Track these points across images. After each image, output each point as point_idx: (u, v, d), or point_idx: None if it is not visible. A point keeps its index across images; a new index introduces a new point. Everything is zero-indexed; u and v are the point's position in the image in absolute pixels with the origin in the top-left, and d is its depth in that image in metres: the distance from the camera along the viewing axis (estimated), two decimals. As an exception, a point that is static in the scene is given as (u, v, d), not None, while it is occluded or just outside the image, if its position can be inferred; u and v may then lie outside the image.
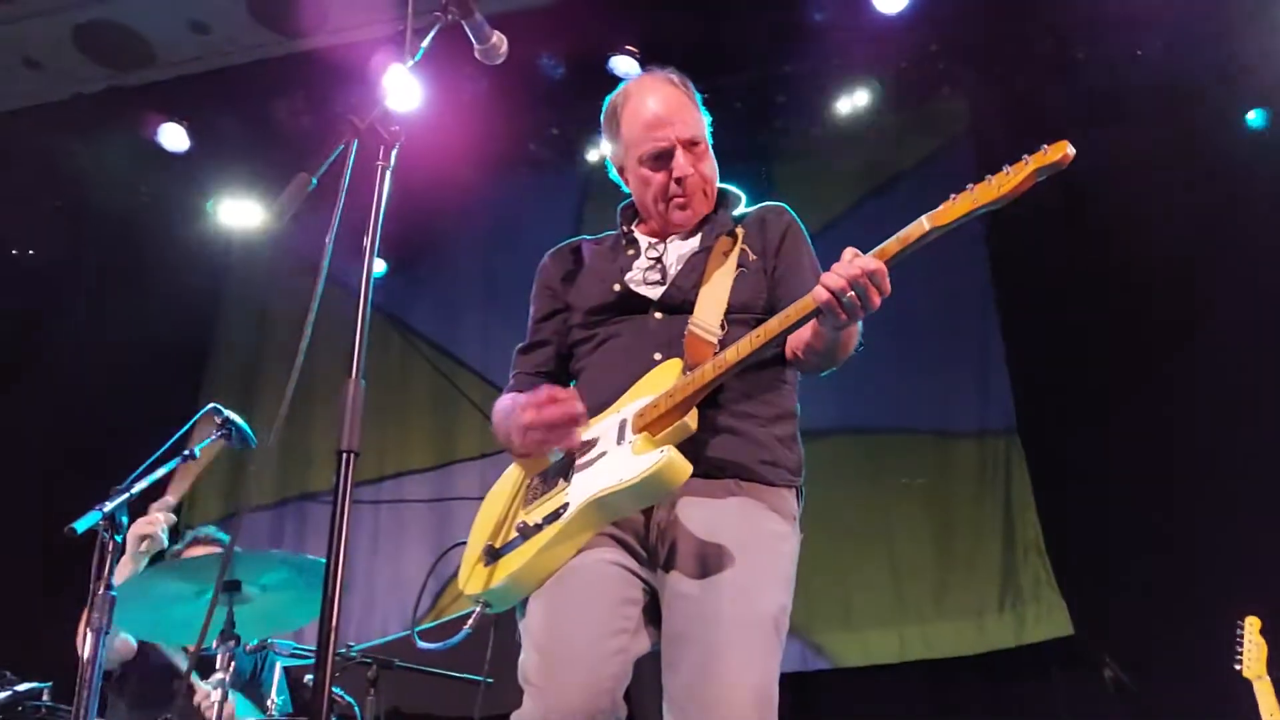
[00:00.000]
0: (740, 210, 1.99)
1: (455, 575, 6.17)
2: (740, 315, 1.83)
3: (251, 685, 3.09)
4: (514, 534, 1.74)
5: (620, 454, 1.69)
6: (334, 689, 2.60)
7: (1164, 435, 4.06)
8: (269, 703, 3.04)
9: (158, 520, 2.63)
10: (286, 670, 3.14)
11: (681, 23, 4.33)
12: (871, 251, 1.60)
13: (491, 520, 1.86)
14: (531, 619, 1.74)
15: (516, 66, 2.03)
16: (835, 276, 1.58)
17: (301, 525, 5.25)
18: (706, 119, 1.96)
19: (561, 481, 1.76)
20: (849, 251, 1.60)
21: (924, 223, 1.60)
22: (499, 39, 1.87)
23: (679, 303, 1.84)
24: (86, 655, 2.10)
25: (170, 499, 2.55)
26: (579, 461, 1.75)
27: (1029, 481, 4.42)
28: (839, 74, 4.65)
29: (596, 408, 1.80)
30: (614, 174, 2.06)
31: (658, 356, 1.80)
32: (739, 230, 1.92)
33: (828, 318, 1.62)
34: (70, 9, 4.37)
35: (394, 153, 1.60)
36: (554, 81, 4.57)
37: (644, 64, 4.42)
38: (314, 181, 1.55)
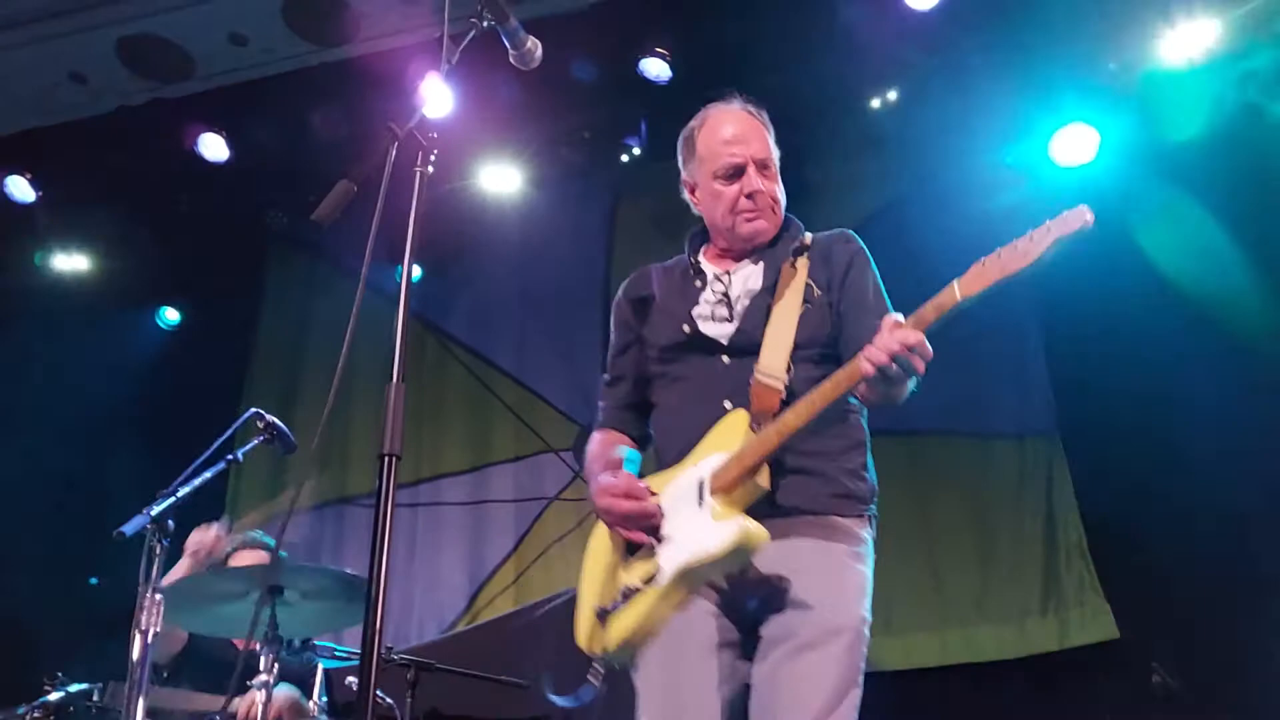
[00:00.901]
0: (806, 238, 2.05)
1: (491, 577, 6.16)
2: (806, 352, 1.92)
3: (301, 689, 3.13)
4: (619, 596, 1.87)
5: (701, 519, 1.81)
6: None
7: (1211, 434, 3.96)
8: (311, 704, 3.08)
9: (209, 540, 2.67)
10: (327, 672, 3.18)
11: (713, 25, 4.32)
12: (909, 319, 1.68)
13: (597, 577, 1.97)
14: (645, 681, 1.88)
15: (548, 71, 2.04)
16: (878, 351, 1.65)
17: (340, 529, 5.31)
18: (776, 151, 2.09)
19: (653, 540, 1.87)
20: (889, 321, 1.69)
21: (955, 290, 1.66)
22: (533, 44, 1.89)
23: (746, 345, 1.93)
24: (135, 656, 2.14)
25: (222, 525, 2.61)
26: (667, 518, 1.86)
27: (1071, 483, 4.34)
28: (871, 73, 4.60)
29: (674, 457, 1.94)
30: (686, 197, 2.17)
31: (728, 405, 1.89)
32: (802, 261, 1.99)
33: (877, 382, 1.70)
34: (114, 24, 4.47)
35: (431, 158, 1.61)
36: (586, 85, 4.58)
37: (675, 67, 4.42)
38: (354, 188, 1.57)
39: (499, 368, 5.43)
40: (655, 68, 4.39)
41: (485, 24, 1.78)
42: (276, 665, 2.56)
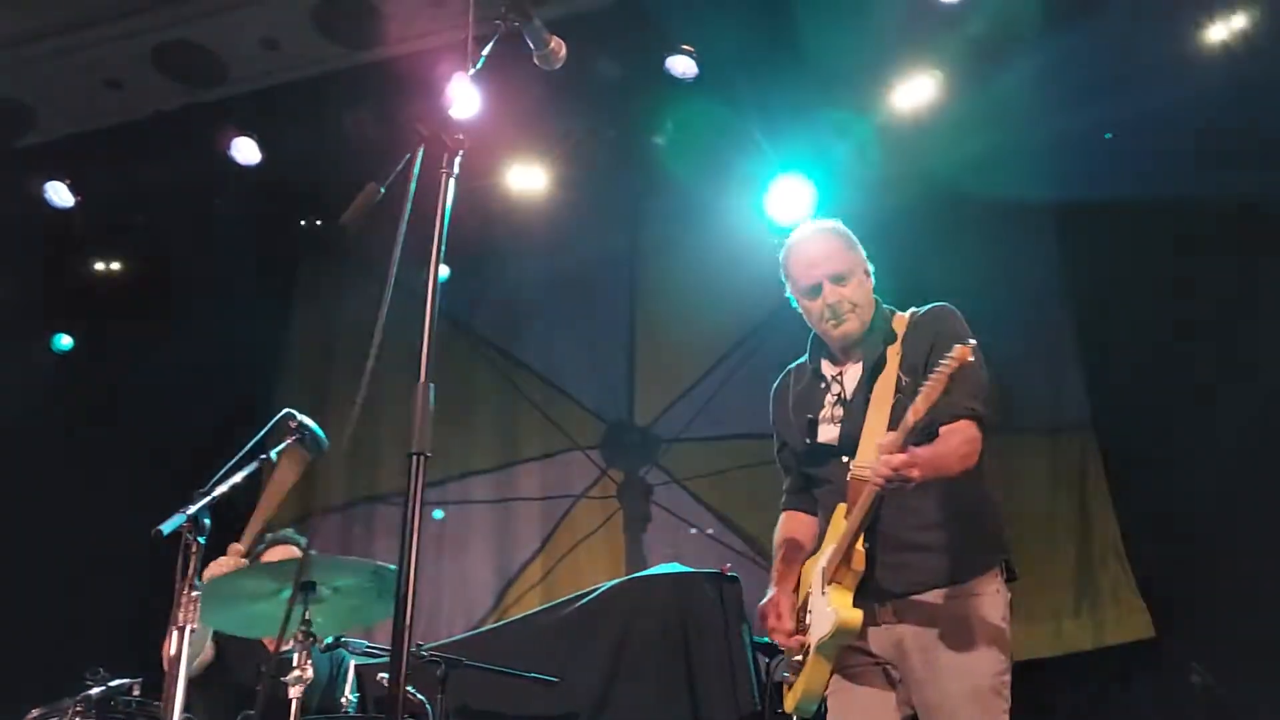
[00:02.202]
0: (899, 324, 2.33)
1: (519, 575, 6.17)
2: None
3: (329, 690, 3.16)
4: (793, 669, 2.29)
5: (821, 604, 2.19)
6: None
7: (1249, 430, 3.88)
8: (343, 700, 3.12)
9: (226, 565, 2.71)
10: (359, 669, 3.21)
11: (738, 21, 4.30)
12: (887, 441, 2.02)
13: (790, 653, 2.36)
14: None
15: (573, 70, 2.06)
16: (875, 476, 2.02)
17: (370, 526, 5.37)
18: (861, 253, 2.39)
19: (808, 616, 2.26)
20: (879, 449, 2.03)
21: (908, 415, 2.02)
22: (557, 44, 1.89)
23: (851, 445, 2.24)
24: (172, 651, 2.18)
25: (241, 546, 2.64)
26: (811, 601, 2.25)
27: (1105, 480, 4.28)
28: (898, 65, 4.55)
29: (820, 545, 2.30)
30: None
31: (842, 506, 2.21)
32: (894, 350, 2.27)
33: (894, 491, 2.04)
34: (149, 31, 4.55)
35: (458, 159, 1.62)
36: (611, 84, 4.58)
37: (701, 64, 4.41)
38: (382, 190, 1.58)
39: (526, 366, 5.46)
40: (682, 65, 4.38)
41: (509, 25, 1.79)
42: (310, 662, 2.58)
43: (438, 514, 5.22)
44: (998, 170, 4.43)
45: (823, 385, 2.38)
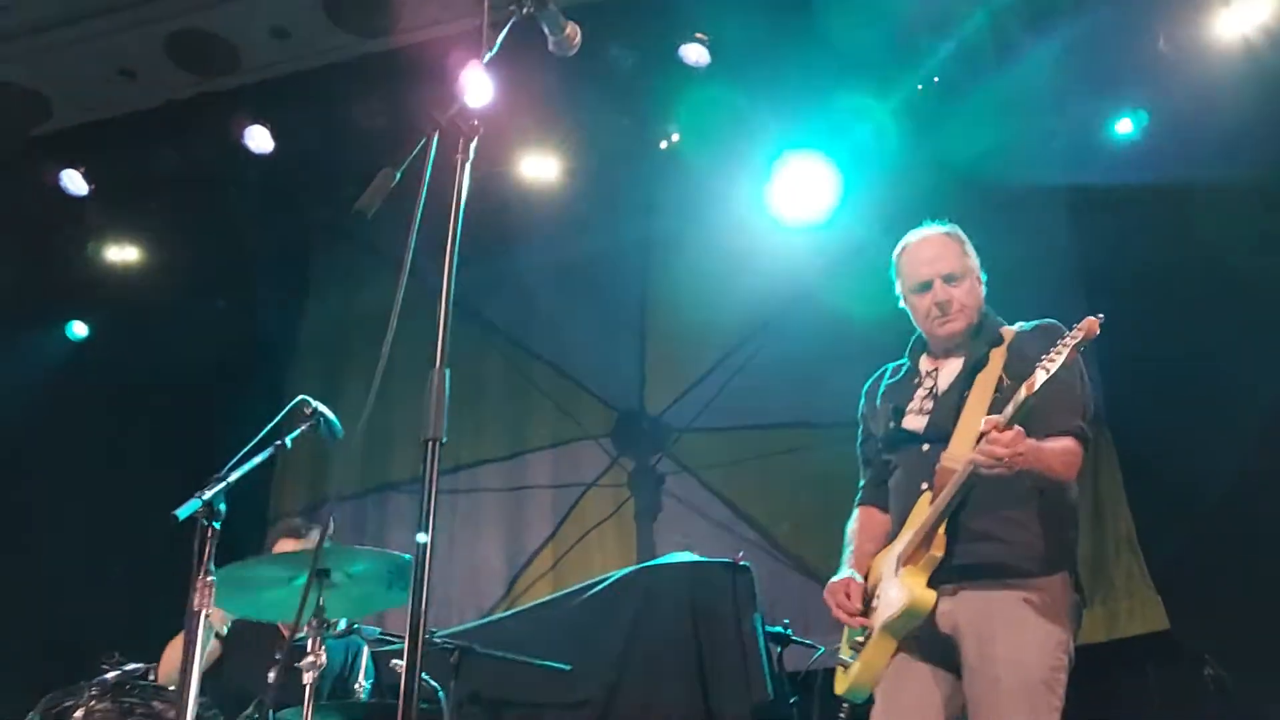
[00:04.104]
0: (1006, 332, 2.35)
1: (529, 563, 6.20)
2: None
3: (340, 679, 3.18)
4: (853, 650, 2.30)
5: (893, 585, 2.22)
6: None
7: (1265, 422, 3.85)
8: (356, 686, 3.14)
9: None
10: (374, 655, 3.23)
11: (753, 6, 4.27)
12: (994, 419, 2.02)
13: (845, 639, 2.35)
14: (875, 714, 2.26)
15: (586, 57, 2.04)
16: (981, 453, 2.02)
17: (383, 514, 5.40)
18: (971, 260, 2.42)
19: (875, 601, 2.28)
20: (986, 425, 2.03)
21: (1021, 391, 2.04)
22: (573, 29, 1.88)
23: (939, 434, 2.26)
24: (185, 635, 2.20)
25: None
26: (881, 585, 2.27)
27: (1119, 472, 4.25)
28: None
29: (895, 531, 2.31)
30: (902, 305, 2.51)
31: (924, 487, 2.24)
32: (998, 353, 2.28)
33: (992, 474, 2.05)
34: (162, 20, 4.55)
35: (473, 146, 1.62)
36: (624, 71, 4.56)
37: (714, 51, 4.38)
38: (398, 175, 1.58)
39: (537, 355, 5.46)
40: (695, 53, 4.35)
41: (525, 10, 1.78)
42: (323, 649, 2.60)
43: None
44: (1012, 157, 4.40)
45: (915, 380, 2.41)
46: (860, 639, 2.27)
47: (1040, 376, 1.98)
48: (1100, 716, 3.87)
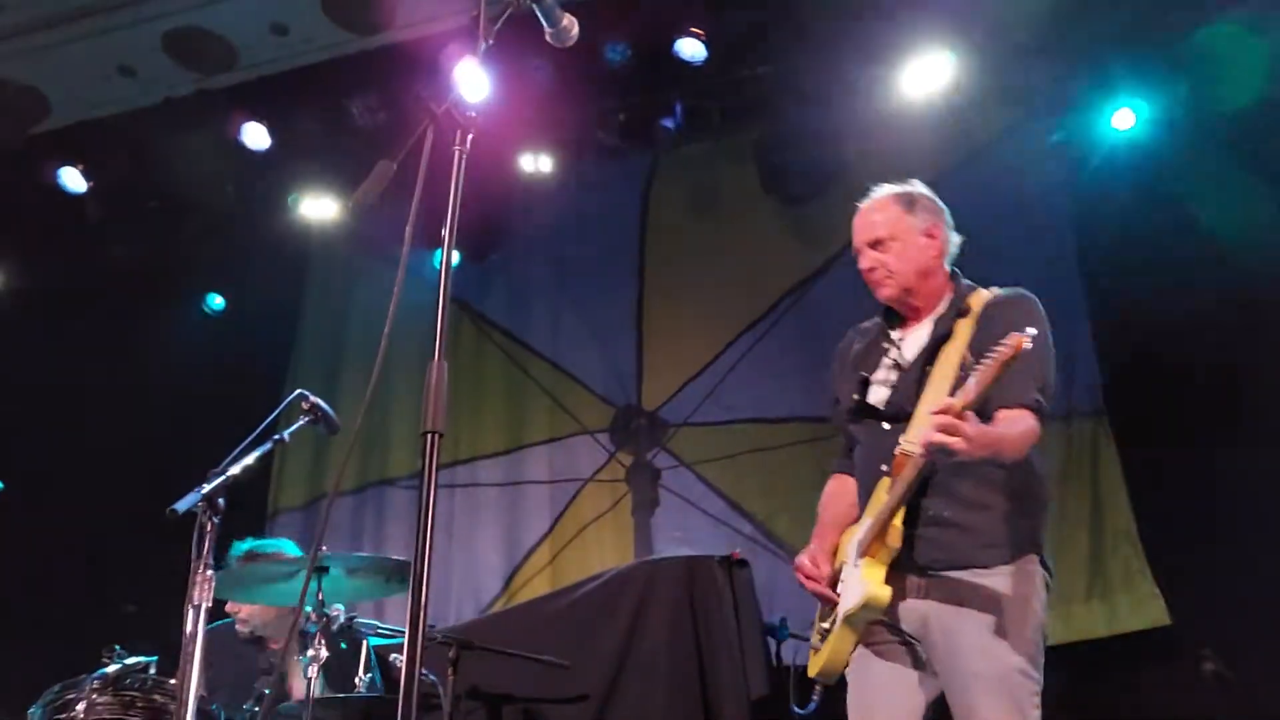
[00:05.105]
0: (974, 301, 2.21)
1: (527, 558, 6.18)
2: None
3: (343, 670, 3.19)
4: (820, 637, 2.28)
5: (854, 576, 2.16)
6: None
7: (1267, 415, 3.85)
8: (356, 679, 3.14)
9: None
10: (375, 650, 3.23)
11: (747, 4, 4.28)
12: (941, 405, 1.90)
13: (818, 624, 2.32)
14: (849, 698, 2.23)
15: (581, 53, 2.06)
16: (921, 442, 1.94)
17: (380, 510, 5.40)
18: (921, 218, 2.32)
19: (840, 585, 2.23)
20: (935, 408, 1.91)
21: (958, 398, 1.91)
22: (570, 21, 1.88)
23: (899, 413, 2.18)
24: (188, 630, 2.21)
25: None
26: (845, 572, 2.22)
27: (1119, 466, 4.25)
28: (912, 48, 4.52)
29: (859, 513, 2.24)
30: None
31: (884, 469, 2.15)
32: (964, 325, 2.16)
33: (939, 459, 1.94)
34: (160, 17, 4.56)
35: (469, 138, 1.62)
36: (619, 67, 4.57)
37: (710, 46, 4.39)
38: (394, 167, 1.58)
39: (534, 350, 5.47)
40: (690, 48, 4.36)
41: (522, 3, 1.78)
42: (324, 643, 2.61)
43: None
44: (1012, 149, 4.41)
45: (885, 345, 2.31)
46: (826, 625, 2.24)
47: (973, 388, 1.87)
48: (1100, 712, 3.89)
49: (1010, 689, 2.04)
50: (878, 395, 2.25)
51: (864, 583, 2.09)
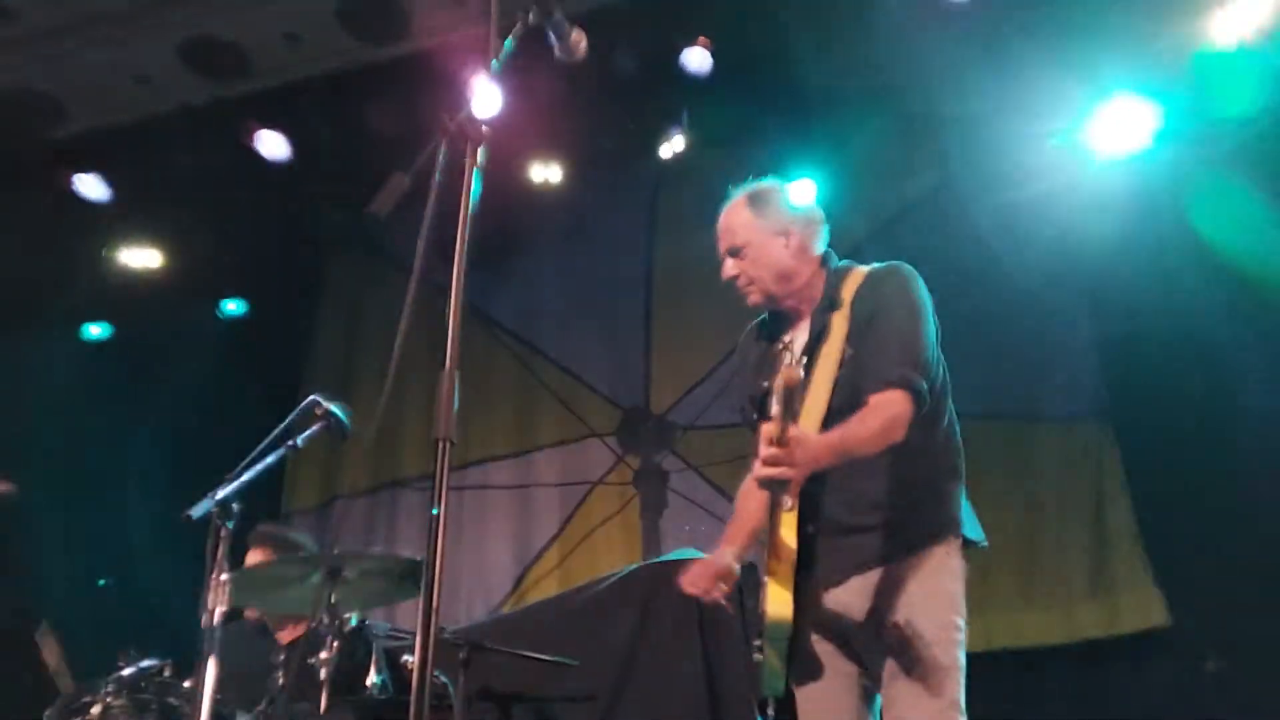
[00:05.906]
0: (847, 289, 2.12)
1: (537, 560, 6.23)
2: (843, 417, 1.98)
3: (355, 672, 3.21)
4: (756, 650, 2.18)
5: (764, 594, 2.04)
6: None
7: (1267, 416, 3.86)
8: (367, 681, 3.17)
9: None
10: (387, 651, 3.26)
11: (753, 17, 4.30)
12: (766, 430, 1.78)
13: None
14: (798, 704, 2.17)
15: (589, 64, 2.08)
16: (755, 474, 1.81)
17: (393, 510, 5.45)
18: (771, 219, 2.21)
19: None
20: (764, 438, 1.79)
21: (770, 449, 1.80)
22: (578, 35, 1.91)
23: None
24: (203, 632, 2.24)
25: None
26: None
27: (1121, 468, 4.27)
28: (911, 54, 4.53)
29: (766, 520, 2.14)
30: None
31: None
32: (840, 318, 2.08)
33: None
34: (175, 26, 4.61)
35: (481, 150, 1.65)
36: (626, 78, 4.60)
37: (716, 57, 4.41)
38: (408, 179, 1.62)
39: (544, 354, 5.51)
40: (697, 59, 4.39)
41: (531, 18, 1.81)
42: (336, 645, 2.64)
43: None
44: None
45: (778, 348, 2.15)
46: (757, 643, 2.14)
47: (776, 416, 1.74)
48: (1100, 711, 3.90)
49: (932, 668, 1.96)
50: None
51: (770, 603, 2.03)
